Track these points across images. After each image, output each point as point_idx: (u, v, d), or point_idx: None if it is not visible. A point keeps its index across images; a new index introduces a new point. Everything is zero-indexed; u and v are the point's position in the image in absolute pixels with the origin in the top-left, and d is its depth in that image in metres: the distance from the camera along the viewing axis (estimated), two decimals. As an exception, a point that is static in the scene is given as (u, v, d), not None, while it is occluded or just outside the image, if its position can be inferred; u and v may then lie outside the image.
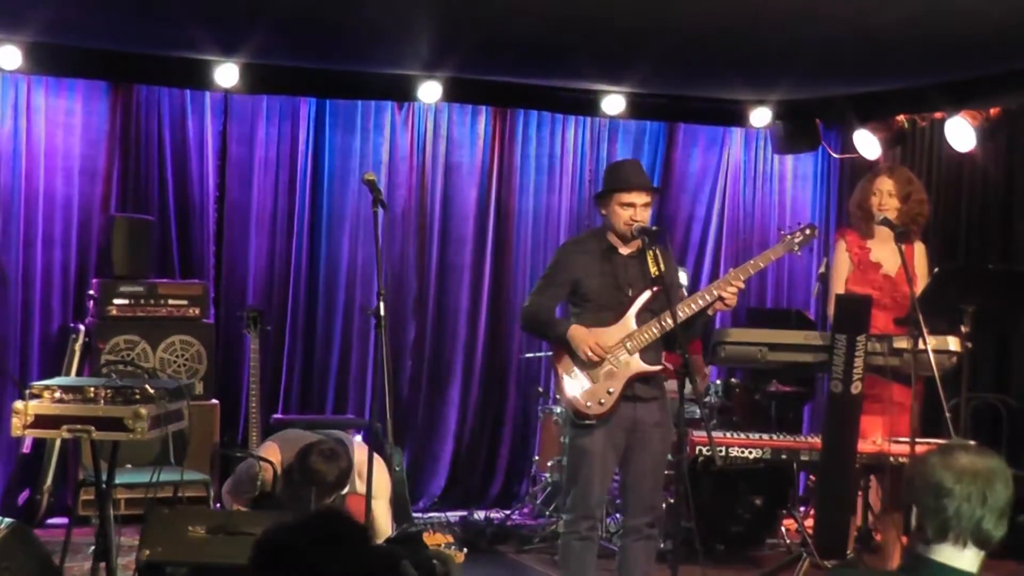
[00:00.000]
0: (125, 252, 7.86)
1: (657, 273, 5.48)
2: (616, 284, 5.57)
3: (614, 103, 8.77)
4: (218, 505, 6.95)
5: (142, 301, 7.82)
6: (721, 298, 5.53)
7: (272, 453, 6.04)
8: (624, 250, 5.61)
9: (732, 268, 5.73)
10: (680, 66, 7.89)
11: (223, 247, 8.52)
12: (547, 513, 8.07)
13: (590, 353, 5.46)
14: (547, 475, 8.19)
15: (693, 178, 9.62)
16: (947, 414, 5.79)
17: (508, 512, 8.51)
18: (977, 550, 2.88)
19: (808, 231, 5.78)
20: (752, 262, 5.69)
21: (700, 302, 5.56)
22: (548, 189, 9.24)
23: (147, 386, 5.07)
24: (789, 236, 5.79)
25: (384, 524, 5.90)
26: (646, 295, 5.54)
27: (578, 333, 5.49)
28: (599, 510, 5.81)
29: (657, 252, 5.51)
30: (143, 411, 4.92)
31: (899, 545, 6.32)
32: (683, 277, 7.92)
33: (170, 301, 7.90)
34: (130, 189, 8.26)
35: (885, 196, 6.50)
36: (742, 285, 5.55)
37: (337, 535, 2.68)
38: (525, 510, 8.51)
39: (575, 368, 5.52)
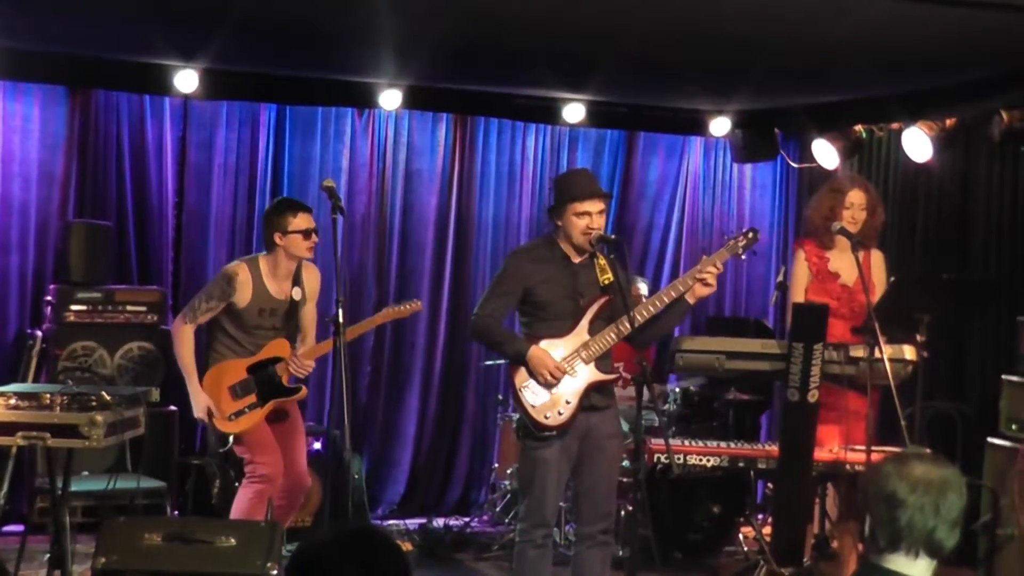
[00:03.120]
0: (83, 258, 7.81)
1: (608, 282, 5.50)
2: (568, 293, 5.55)
3: (574, 111, 8.77)
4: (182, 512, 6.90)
5: (100, 307, 7.77)
6: (703, 280, 5.50)
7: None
8: (576, 259, 5.59)
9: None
10: (640, 75, 7.91)
11: (181, 253, 8.47)
12: (506, 521, 8.06)
13: (549, 378, 5.44)
14: (506, 483, 8.18)
15: (652, 186, 9.64)
16: (903, 422, 5.82)
17: (467, 519, 8.51)
18: (929, 559, 2.90)
19: (751, 235, 5.76)
20: (697, 268, 5.60)
21: (658, 303, 5.56)
22: (508, 197, 9.24)
23: (103, 393, 5.06)
24: (732, 240, 5.77)
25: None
26: (598, 303, 5.54)
27: (536, 355, 5.46)
28: (554, 518, 5.80)
29: (607, 260, 5.52)
30: (99, 418, 4.91)
31: (855, 553, 6.37)
32: (643, 287, 7.94)
33: (128, 307, 7.85)
34: (88, 195, 8.20)
35: (857, 210, 6.53)
36: (707, 277, 5.51)
37: (372, 563, 2.66)
38: (484, 517, 8.50)
39: (531, 380, 5.49)
